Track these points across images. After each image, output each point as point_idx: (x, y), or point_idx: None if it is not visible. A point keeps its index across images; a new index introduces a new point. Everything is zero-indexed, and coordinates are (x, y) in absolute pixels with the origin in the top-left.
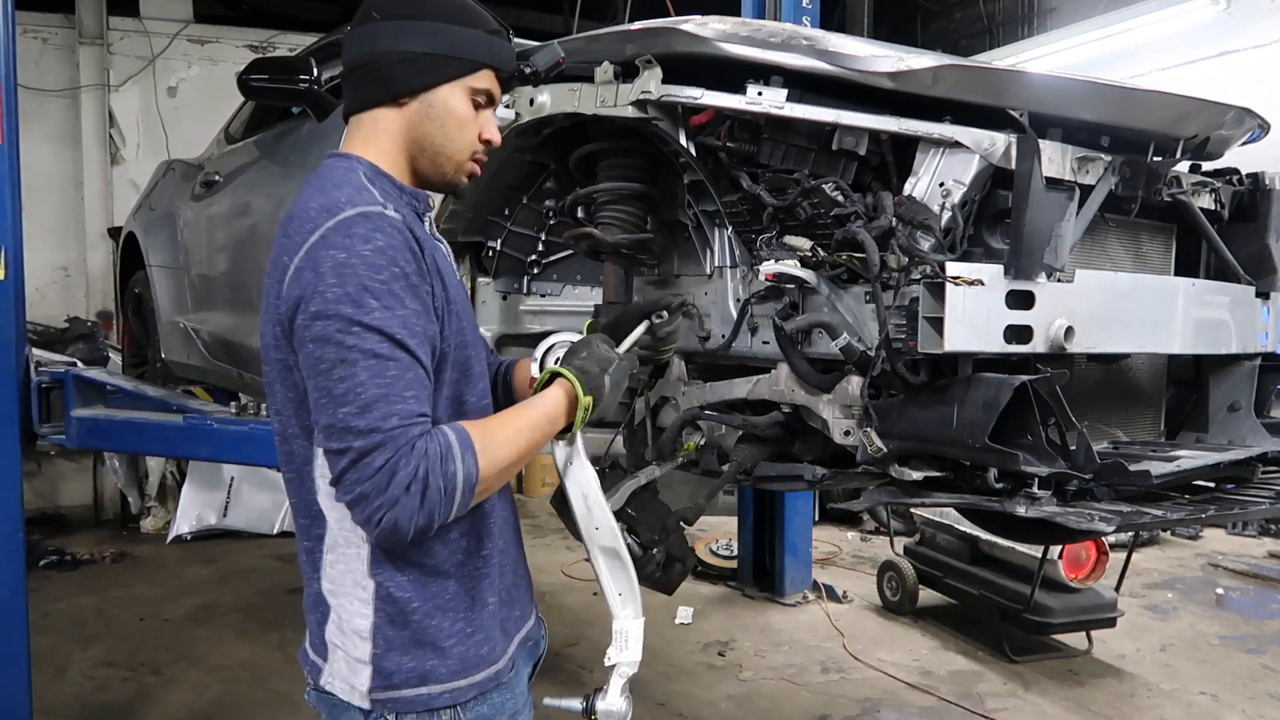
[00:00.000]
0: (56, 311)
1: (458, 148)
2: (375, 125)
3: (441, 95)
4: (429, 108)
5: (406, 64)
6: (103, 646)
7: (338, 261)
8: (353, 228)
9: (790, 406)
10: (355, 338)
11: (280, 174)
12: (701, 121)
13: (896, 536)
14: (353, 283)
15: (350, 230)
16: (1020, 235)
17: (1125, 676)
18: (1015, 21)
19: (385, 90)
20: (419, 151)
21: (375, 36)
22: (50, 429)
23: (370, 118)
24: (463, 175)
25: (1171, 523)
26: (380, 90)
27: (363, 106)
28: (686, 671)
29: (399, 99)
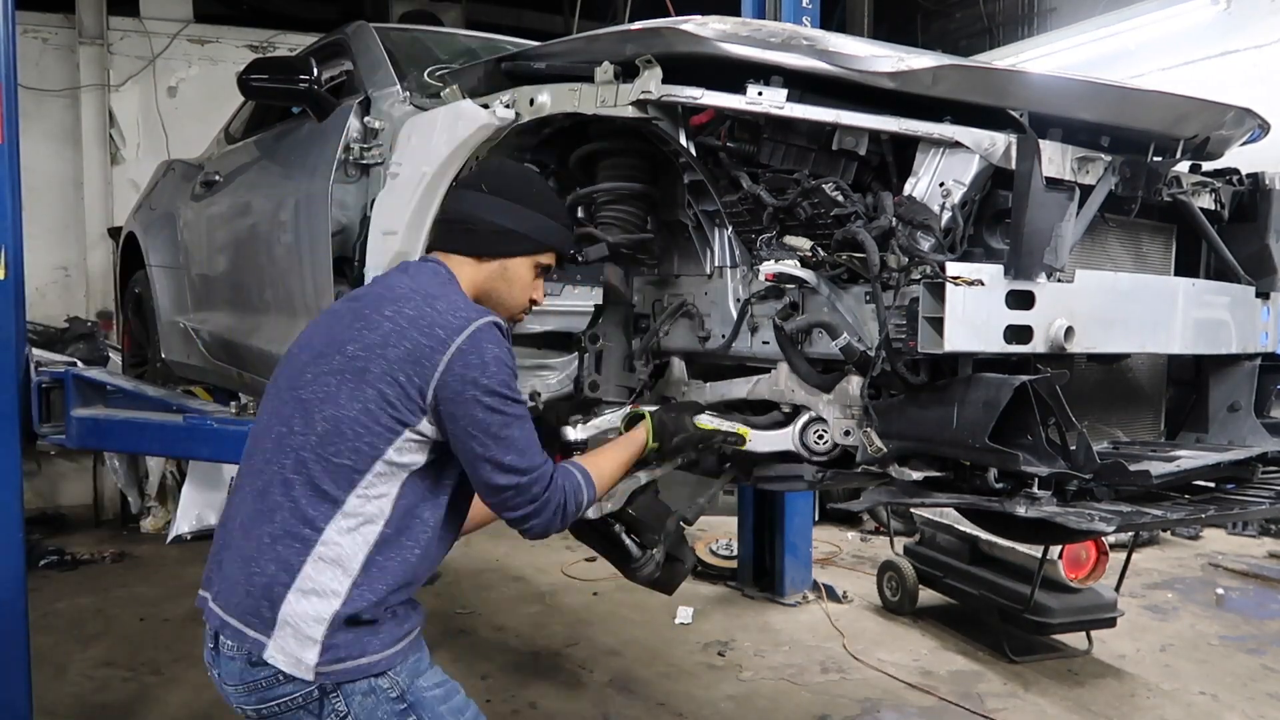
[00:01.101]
0: (56, 311)
1: (515, 304)
2: (460, 268)
3: (515, 263)
4: (504, 270)
5: (499, 235)
6: (103, 646)
7: (495, 355)
8: (494, 331)
9: (790, 406)
10: (512, 408)
11: (280, 174)
12: (701, 121)
13: (896, 536)
14: (505, 371)
15: (494, 332)
16: (1020, 235)
17: (1125, 676)
18: (1015, 21)
19: (476, 248)
20: (484, 298)
21: (480, 204)
22: (50, 429)
23: (458, 260)
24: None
25: (1171, 523)
26: (472, 246)
27: (454, 250)
28: (686, 671)
29: (483, 257)
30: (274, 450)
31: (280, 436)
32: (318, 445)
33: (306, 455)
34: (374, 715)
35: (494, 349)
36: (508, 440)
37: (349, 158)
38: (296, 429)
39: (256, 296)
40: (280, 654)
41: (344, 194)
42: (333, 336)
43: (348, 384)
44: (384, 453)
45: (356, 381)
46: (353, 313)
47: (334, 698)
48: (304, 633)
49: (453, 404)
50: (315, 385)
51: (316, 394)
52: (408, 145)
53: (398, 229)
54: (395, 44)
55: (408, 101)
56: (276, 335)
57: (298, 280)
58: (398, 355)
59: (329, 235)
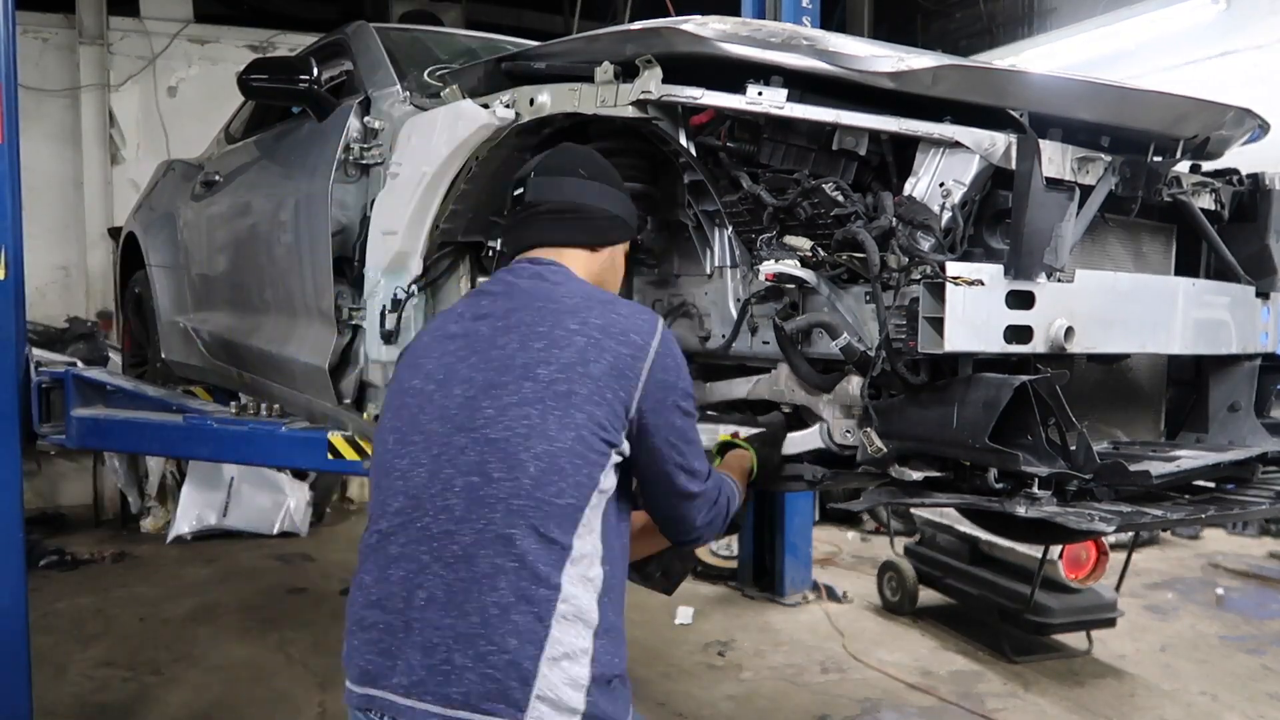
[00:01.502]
0: (56, 311)
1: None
2: (574, 261)
3: (620, 250)
4: (613, 259)
5: (611, 222)
6: (103, 646)
7: (680, 359)
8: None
9: (790, 406)
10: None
11: (280, 174)
12: (701, 121)
13: (896, 536)
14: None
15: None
16: (1020, 235)
17: (1125, 676)
18: (1015, 21)
19: (594, 237)
20: None
21: (584, 190)
22: (50, 429)
23: (572, 255)
24: None
25: (1171, 523)
26: (589, 237)
27: (568, 243)
28: (686, 671)
29: (597, 247)
30: (467, 505)
31: (472, 488)
32: (534, 488)
33: (521, 503)
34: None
35: (678, 351)
36: (695, 444)
37: (349, 158)
38: (497, 475)
39: (257, 296)
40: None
41: (344, 194)
42: (500, 361)
43: (554, 413)
44: (599, 482)
45: (563, 408)
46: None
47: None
48: (565, 704)
49: (655, 414)
50: (508, 420)
51: (515, 430)
52: (408, 145)
53: (398, 229)
54: (395, 44)
55: (408, 101)
56: (276, 335)
57: (298, 280)
58: (601, 370)
59: (329, 235)
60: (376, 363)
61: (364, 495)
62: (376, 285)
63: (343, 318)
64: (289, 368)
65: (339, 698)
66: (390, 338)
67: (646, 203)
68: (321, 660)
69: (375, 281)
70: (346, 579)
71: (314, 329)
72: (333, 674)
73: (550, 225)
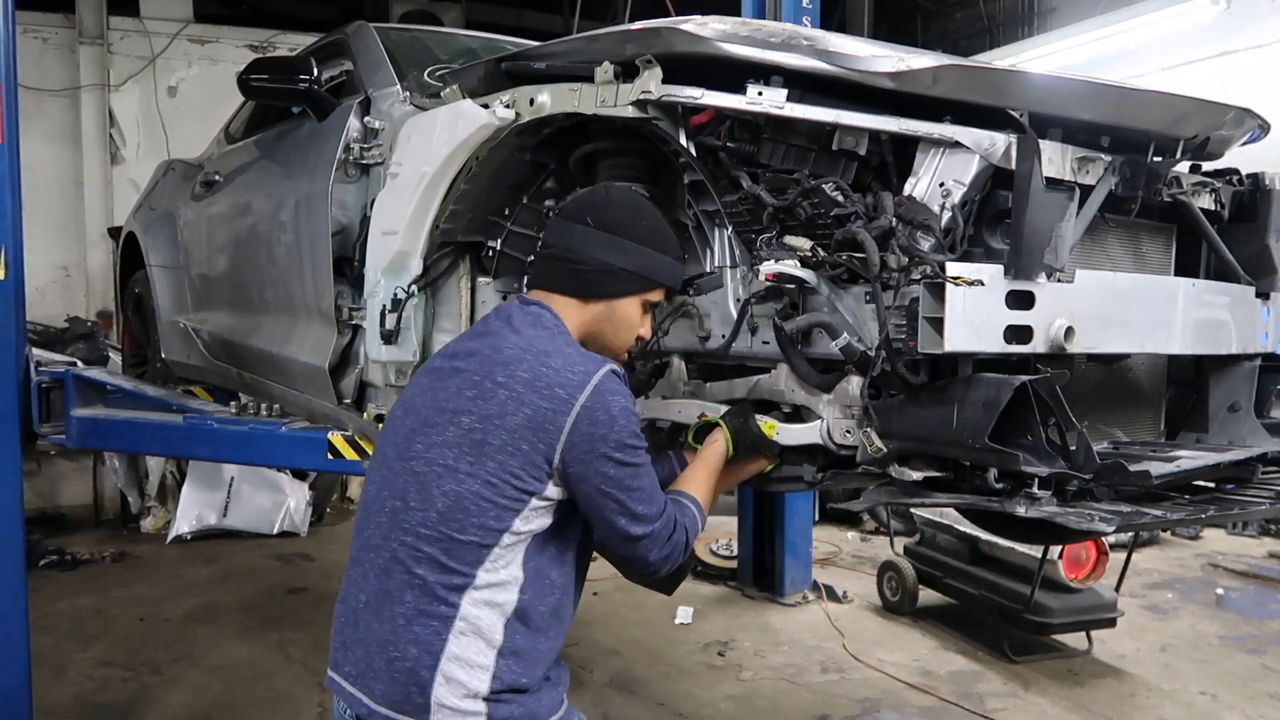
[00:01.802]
0: (56, 311)
1: (621, 344)
2: (564, 308)
3: (623, 303)
4: (611, 311)
5: (606, 274)
6: (103, 646)
7: (622, 406)
8: (614, 380)
9: (790, 406)
10: (639, 456)
11: (280, 174)
12: (701, 121)
13: (896, 536)
14: (632, 419)
15: (614, 381)
16: (1020, 235)
17: (1125, 676)
18: (1015, 21)
19: (582, 289)
20: (589, 339)
21: (585, 240)
22: (50, 429)
23: (562, 301)
24: None
25: (1171, 523)
26: (577, 287)
27: (555, 290)
28: (686, 671)
29: (588, 299)
30: (390, 525)
31: (395, 511)
32: (439, 522)
33: (428, 533)
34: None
35: (619, 400)
36: (639, 490)
37: (349, 158)
38: (413, 504)
39: (256, 296)
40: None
41: (344, 194)
42: (440, 403)
43: (466, 458)
44: (511, 524)
45: (476, 455)
46: (459, 377)
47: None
48: (462, 710)
49: (582, 465)
50: (430, 457)
51: (432, 467)
52: (408, 145)
53: (398, 229)
54: (395, 44)
55: (408, 101)
56: (276, 335)
57: (298, 280)
58: (518, 423)
59: (329, 235)
60: (376, 363)
61: None
62: (376, 285)
63: (343, 318)
64: (289, 368)
65: None
66: (390, 338)
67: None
68: (321, 660)
69: (375, 281)
70: None
71: (314, 329)
72: None
73: (543, 268)
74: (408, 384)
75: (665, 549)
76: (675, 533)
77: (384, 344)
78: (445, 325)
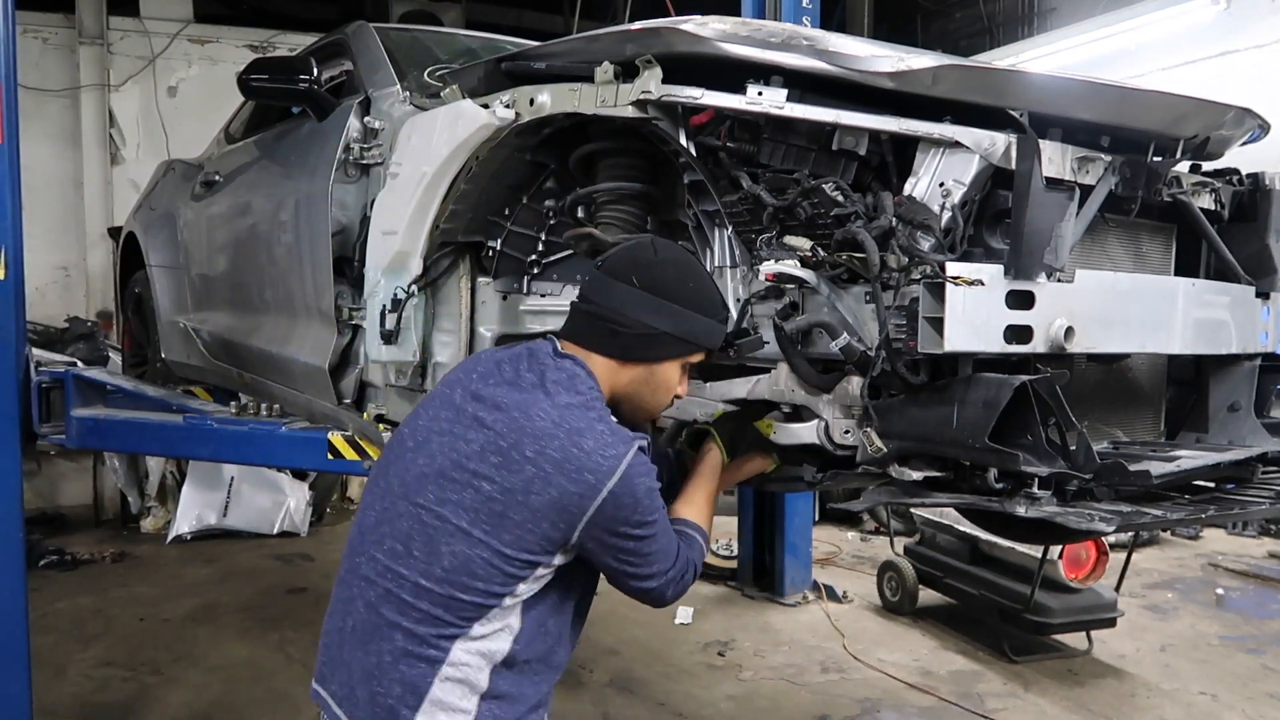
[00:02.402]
0: (56, 311)
1: (657, 406)
2: (601, 368)
3: (663, 367)
4: (650, 374)
5: (647, 339)
6: (103, 646)
7: (649, 488)
8: (643, 458)
9: (790, 406)
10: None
11: (280, 174)
12: (701, 121)
13: (896, 536)
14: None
15: (644, 464)
16: (1020, 235)
17: (1125, 676)
18: (1015, 21)
19: (621, 352)
20: (624, 400)
21: (627, 300)
22: (50, 429)
23: (599, 361)
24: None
25: (1171, 523)
26: (616, 350)
27: (593, 349)
28: (686, 671)
29: (627, 362)
30: (387, 564)
31: (395, 554)
32: (442, 579)
33: (428, 585)
34: None
35: (646, 482)
36: (653, 554)
37: (349, 158)
38: (416, 553)
39: (257, 296)
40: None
41: (344, 194)
42: (460, 459)
43: (482, 524)
44: (514, 590)
45: (493, 524)
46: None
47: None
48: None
49: (598, 542)
50: (443, 513)
51: (445, 524)
52: (408, 145)
53: (398, 229)
54: (395, 44)
55: (408, 101)
56: (276, 335)
57: (298, 280)
58: (542, 503)
59: (329, 235)
60: (376, 363)
61: None
62: (376, 285)
63: (343, 318)
64: (289, 368)
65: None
66: (390, 338)
67: (646, 203)
68: None
69: (375, 281)
70: None
71: (314, 329)
72: None
73: (582, 325)
74: (420, 405)
75: (677, 587)
76: (686, 573)
77: (384, 344)
78: (445, 325)
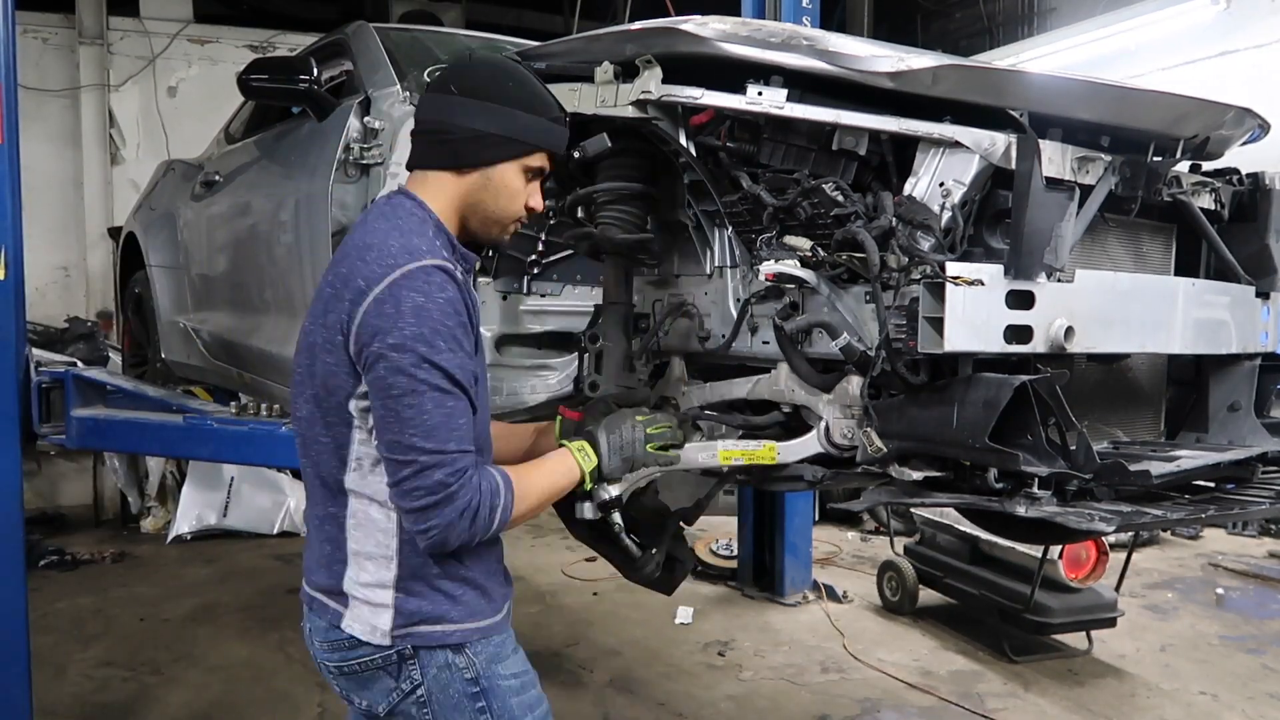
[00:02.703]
0: (56, 311)
1: (506, 215)
2: (439, 185)
3: (499, 170)
4: (488, 180)
5: (476, 141)
6: (103, 646)
7: (416, 304)
8: (431, 276)
9: (790, 406)
10: (425, 372)
11: (280, 174)
12: (701, 121)
13: (896, 536)
14: (427, 325)
15: (429, 279)
16: (1020, 235)
17: (1125, 676)
18: (1015, 21)
19: (452, 160)
20: (471, 213)
21: (450, 109)
22: (50, 429)
23: (435, 177)
24: (505, 235)
25: (1171, 523)
26: (447, 159)
27: (428, 167)
28: (686, 671)
29: (462, 169)
30: (300, 439)
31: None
32: (309, 426)
33: (308, 438)
34: (446, 690)
35: (417, 297)
36: (413, 408)
37: (349, 158)
38: (299, 414)
39: (256, 296)
40: (356, 622)
41: (344, 194)
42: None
43: (306, 360)
44: (352, 419)
45: (311, 355)
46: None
47: (410, 665)
48: (373, 600)
49: (365, 359)
50: (296, 369)
51: (299, 376)
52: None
53: None
54: (395, 44)
55: (408, 101)
56: (276, 335)
57: (298, 280)
58: (333, 320)
59: (329, 235)
60: None
61: None
62: None
63: None
64: (289, 368)
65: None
66: None
67: (646, 203)
68: None
69: None
70: None
71: None
72: None
73: (417, 146)
74: None
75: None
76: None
77: None
78: None
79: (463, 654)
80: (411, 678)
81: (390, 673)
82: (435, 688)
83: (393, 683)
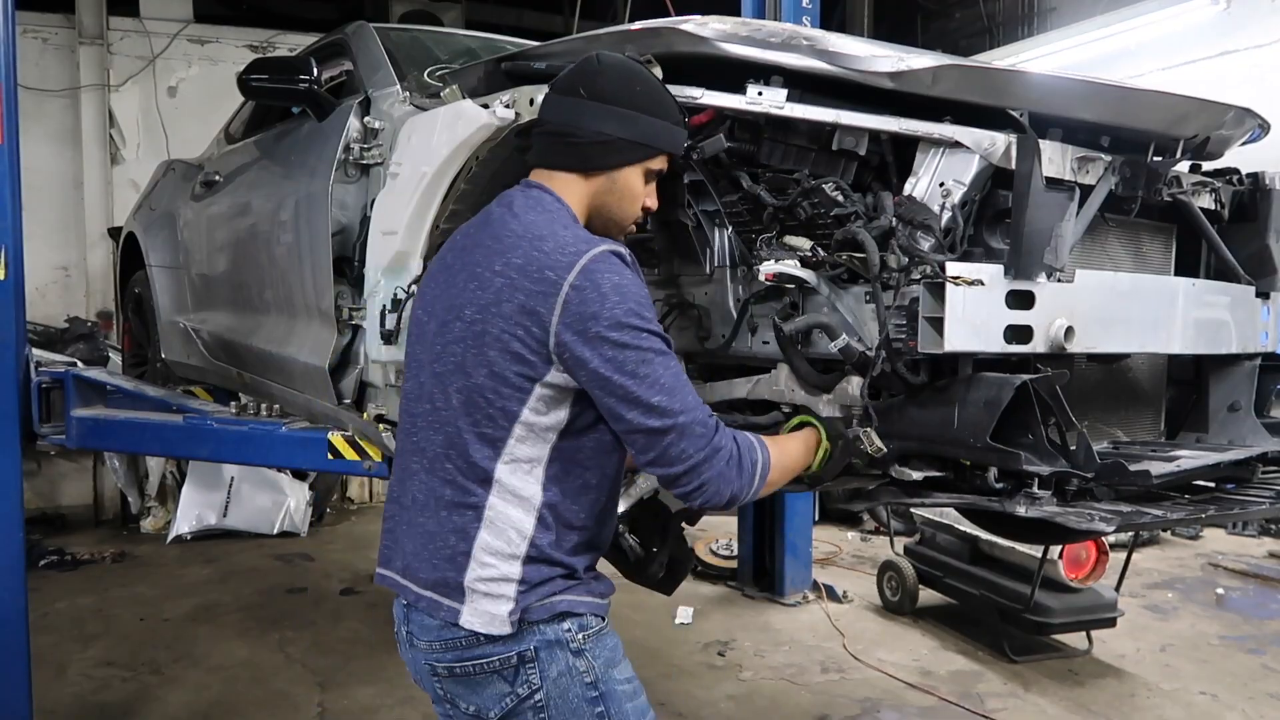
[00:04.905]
0: (56, 311)
1: (627, 216)
2: (565, 185)
3: (624, 174)
4: (613, 183)
5: (603, 146)
6: (103, 646)
7: (615, 283)
8: (611, 259)
9: (790, 406)
10: (647, 340)
11: (280, 174)
12: (701, 121)
13: (896, 536)
14: (631, 299)
15: (611, 261)
16: (1020, 235)
17: (1125, 676)
18: (1015, 21)
19: (580, 163)
20: (595, 215)
21: (579, 111)
22: (50, 429)
23: (562, 178)
24: (622, 236)
25: (1171, 523)
26: (575, 162)
27: (555, 167)
28: (686, 671)
29: (589, 172)
30: (427, 427)
31: (428, 413)
32: (459, 418)
33: (452, 430)
34: (565, 695)
35: (613, 277)
36: (649, 377)
37: (349, 158)
38: (439, 404)
39: (257, 296)
40: (475, 617)
41: (344, 194)
42: (451, 300)
43: (471, 351)
44: (519, 414)
45: (479, 346)
46: (466, 270)
47: (530, 668)
48: (495, 593)
49: (577, 347)
50: (446, 358)
51: (448, 366)
52: (408, 145)
53: (398, 229)
54: (395, 44)
55: (408, 101)
56: (276, 335)
57: (298, 280)
58: (513, 309)
59: (329, 235)
60: (376, 363)
61: (364, 495)
62: (377, 285)
63: (343, 318)
64: (289, 368)
65: (339, 697)
66: (390, 338)
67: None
68: (321, 660)
69: (375, 281)
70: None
71: (314, 329)
72: (332, 674)
73: (542, 146)
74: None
75: (703, 454)
76: (718, 438)
77: (384, 344)
78: None
79: (582, 658)
80: (530, 682)
81: (506, 677)
82: (555, 692)
83: (508, 687)
